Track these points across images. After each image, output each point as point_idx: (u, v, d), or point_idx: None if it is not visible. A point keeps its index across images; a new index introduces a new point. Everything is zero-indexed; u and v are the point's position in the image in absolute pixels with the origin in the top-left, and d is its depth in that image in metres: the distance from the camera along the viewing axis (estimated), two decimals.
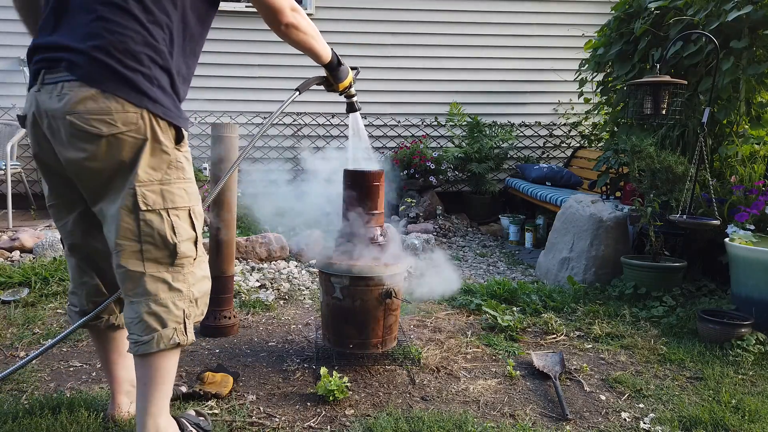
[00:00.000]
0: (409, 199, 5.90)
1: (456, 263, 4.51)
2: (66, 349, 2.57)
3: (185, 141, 1.61)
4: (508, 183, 6.34)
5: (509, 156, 6.63)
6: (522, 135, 6.68)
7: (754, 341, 2.69)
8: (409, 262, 2.60)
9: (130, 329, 1.58)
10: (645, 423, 2.07)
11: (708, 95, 3.47)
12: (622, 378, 2.42)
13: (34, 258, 3.88)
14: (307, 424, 1.99)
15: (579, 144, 6.70)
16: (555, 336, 2.92)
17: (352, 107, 2.36)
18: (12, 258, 3.91)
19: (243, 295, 3.41)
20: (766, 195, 3.24)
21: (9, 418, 1.88)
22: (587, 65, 4.80)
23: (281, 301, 3.44)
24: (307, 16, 1.82)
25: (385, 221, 2.53)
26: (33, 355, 1.89)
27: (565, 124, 6.69)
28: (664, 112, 3.36)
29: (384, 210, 2.50)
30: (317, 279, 3.66)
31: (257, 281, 3.73)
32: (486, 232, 5.80)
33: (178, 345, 1.58)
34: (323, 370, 2.20)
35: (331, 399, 2.12)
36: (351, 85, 2.23)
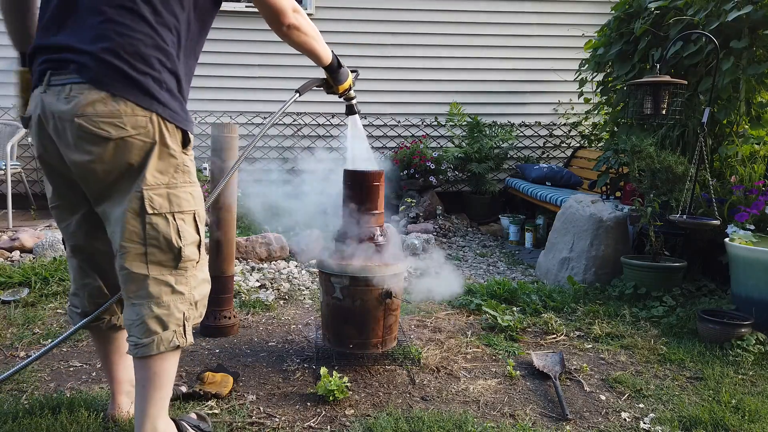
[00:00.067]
0: (409, 199, 5.90)
1: (456, 263, 4.51)
2: (66, 349, 2.57)
3: (191, 144, 1.61)
4: (508, 183, 6.34)
5: (509, 156, 6.63)
6: (522, 135, 6.68)
7: (754, 341, 2.69)
8: (409, 262, 2.60)
9: (130, 331, 1.57)
10: (645, 423, 2.07)
11: (708, 95, 3.47)
12: (622, 378, 2.42)
13: (34, 258, 3.88)
14: (307, 424, 1.99)
15: (579, 144, 6.70)
16: (555, 336, 2.92)
17: (351, 109, 2.36)
18: (12, 258, 3.91)
19: (243, 295, 3.41)
20: (766, 195, 3.24)
21: (9, 418, 1.88)
22: (587, 65, 4.80)
23: (281, 301, 3.44)
24: (307, 16, 1.82)
25: (385, 221, 2.53)
26: (34, 357, 1.89)
27: (565, 124, 6.69)
28: (664, 112, 3.36)
29: (384, 210, 2.50)
30: (317, 279, 3.66)
31: (257, 281, 3.73)
32: (486, 232, 5.80)
33: (177, 347, 1.59)
34: (323, 370, 2.20)
35: (331, 399, 2.12)
36: (351, 88, 2.23)
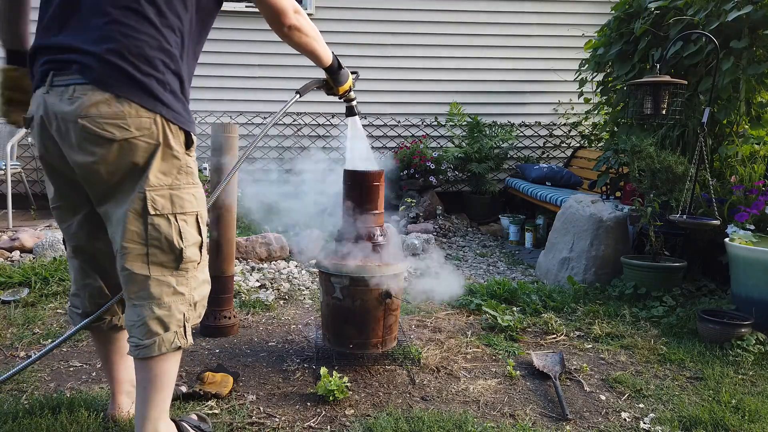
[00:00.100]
0: (409, 199, 5.90)
1: (456, 263, 4.51)
2: (66, 349, 2.57)
3: (194, 146, 1.61)
4: (508, 183, 6.34)
5: (509, 156, 6.63)
6: (522, 135, 6.68)
7: (754, 341, 2.69)
8: (409, 262, 2.60)
9: (131, 332, 1.57)
10: (645, 423, 2.07)
11: (708, 95, 3.47)
12: (622, 378, 2.42)
13: (34, 258, 3.88)
14: (307, 424, 1.99)
15: (579, 144, 6.70)
16: (555, 336, 2.92)
17: (351, 111, 2.36)
18: (12, 258, 3.91)
19: (243, 295, 3.41)
20: (766, 195, 3.24)
21: (9, 418, 1.88)
22: (587, 65, 4.80)
23: (281, 301, 3.44)
24: (307, 16, 1.82)
25: (385, 221, 2.53)
26: (35, 357, 1.89)
27: (565, 124, 6.69)
28: (664, 112, 3.36)
29: (384, 210, 2.50)
30: (317, 279, 3.66)
31: (257, 281, 3.73)
32: (486, 232, 5.80)
33: (179, 348, 1.58)
34: (323, 370, 2.20)
35: (331, 399, 2.12)
36: (351, 89, 2.23)
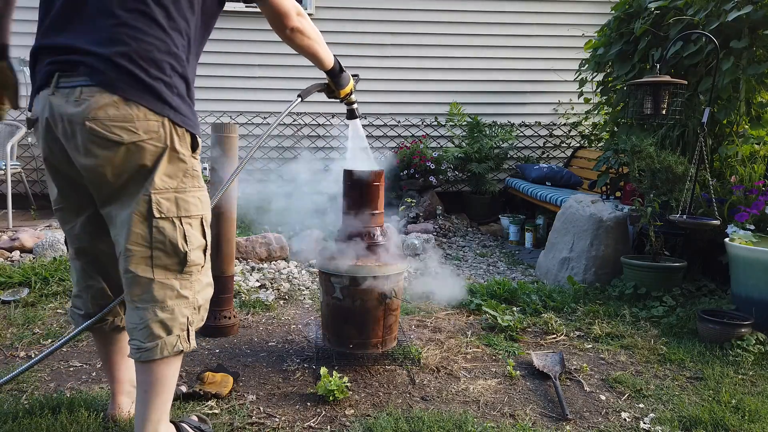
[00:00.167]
0: (409, 199, 5.90)
1: (456, 263, 4.51)
2: (66, 350, 2.57)
3: (199, 148, 1.60)
4: (508, 183, 6.34)
5: (509, 156, 6.63)
6: (522, 135, 6.68)
7: (754, 341, 2.69)
8: (409, 262, 2.60)
9: (132, 335, 1.56)
10: (645, 423, 2.07)
11: (708, 95, 3.47)
12: (622, 378, 2.42)
13: (34, 258, 3.88)
14: (307, 424, 1.99)
15: (579, 144, 6.70)
16: (555, 336, 2.92)
17: (352, 114, 2.35)
18: (12, 258, 3.91)
19: (243, 295, 3.41)
20: (766, 195, 3.24)
21: (9, 418, 1.88)
22: (587, 65, 4.80)
23: (281, 301, 3.44)
24: (308, 16, 1.82)
25: (385, 221, 2.53)
26: (36, 359, 1.88)
27: (565, 124, 6.69)
28: (664, 112, 3.36)
29: (384, 210, 2.50)
30: (317, 279, 3.66)
31: (257, 281, 3.73)
32: (486, 232, 5.80)
33: (181, 352, 1.58)
34: (323, 370, 2.20)
35: (331, 399, 2.12)
36: (352, 92, 2.22)
